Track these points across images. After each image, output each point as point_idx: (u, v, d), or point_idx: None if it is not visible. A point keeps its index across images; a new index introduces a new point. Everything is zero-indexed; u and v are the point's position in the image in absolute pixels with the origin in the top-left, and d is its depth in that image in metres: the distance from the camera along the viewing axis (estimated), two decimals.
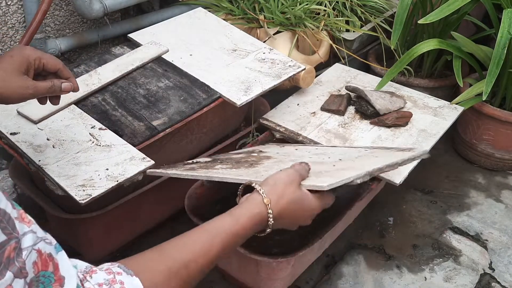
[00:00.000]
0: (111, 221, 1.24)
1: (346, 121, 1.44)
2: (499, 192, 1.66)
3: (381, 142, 1.34)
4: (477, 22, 1.87)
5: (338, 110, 1.44)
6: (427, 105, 1.49)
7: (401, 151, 1.18)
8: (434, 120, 1.44)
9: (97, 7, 1.46)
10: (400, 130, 1.40)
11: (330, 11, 1.72)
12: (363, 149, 1.26)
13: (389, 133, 1.39)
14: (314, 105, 1.49)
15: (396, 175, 1.23)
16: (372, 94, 1.45)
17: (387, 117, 1.40)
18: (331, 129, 1.39)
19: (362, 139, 1.36)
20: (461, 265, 1.39)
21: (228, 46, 1.46)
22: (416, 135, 1.38)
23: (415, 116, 1.44)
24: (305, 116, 1.44)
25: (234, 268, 1.24)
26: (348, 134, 1.38)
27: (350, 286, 1.31)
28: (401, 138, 1.36)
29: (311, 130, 1.38)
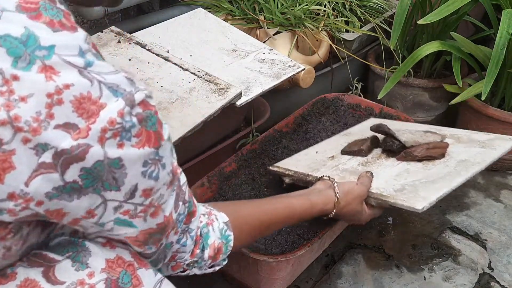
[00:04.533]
0: None
1: (369, 160, 1.27)
2: (498, 192, 1.67)
3: (408, 175, 1.16)
4: (476, 22, 1.88)
5: (360, 150, 1.27)
6: (473, 139, 1.29)
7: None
8: (480, 151, 1.22)
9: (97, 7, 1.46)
10: (434, 163, 1.18)
11: (329, 12, 1.73)
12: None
13: (420, 166, 1.18)
14: (334, 151, 1.34)
15: (419, 200, 1.05)
16: (400, 129, 1.28)
17: (415, 148, 1.19)
18: (348, 168, 1.23)
19: (384, 173, 1.18)
20: (460, 265, 1.39)
21: (228, 46, 1.47)
22: (454, 166, 1.16)
23: (454, 149, 1.22)
24: (322, 160, 1.30)
25: (234, 268, 1.24)
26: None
27: (349, 285, 1.31)
28: (434, 170, 1.16)
29: (324, 171, 1.22)
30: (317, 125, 1.58)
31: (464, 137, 1.31)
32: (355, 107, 1.64)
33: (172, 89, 1.24)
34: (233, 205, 0.90)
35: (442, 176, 1.12)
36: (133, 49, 1.35)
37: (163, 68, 1.31)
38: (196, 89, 1.25)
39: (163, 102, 1.20)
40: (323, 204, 0.99)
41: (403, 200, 1.05)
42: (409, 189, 1.09)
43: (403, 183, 1.12)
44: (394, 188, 1.10)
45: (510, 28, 1.48)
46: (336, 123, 1.60)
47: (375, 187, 1.11)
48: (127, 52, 1.34)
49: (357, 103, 1.64)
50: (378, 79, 1.89)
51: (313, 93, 1.68)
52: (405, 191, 1.08)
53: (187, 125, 1.16)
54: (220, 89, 1.25)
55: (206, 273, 0.88)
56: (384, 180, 1.14)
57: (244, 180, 1.36)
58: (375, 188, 1.11)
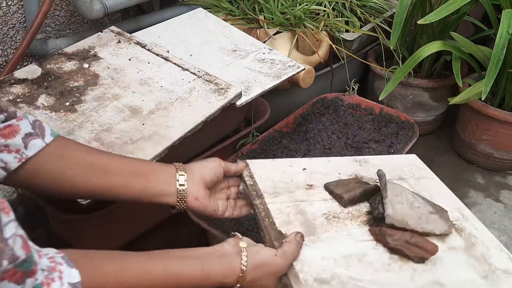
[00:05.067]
0: (111, 221, 1.24)
1: (341, 215, 0.94)
2: (498, 192, 1.67)
3: (356, 264, 0.83)
4: (476, 22, 1.88)
5: (341, 196, 0.96)
6: (487, 259, 0.89)
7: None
8: (475, 282, 0.84)
9: (97, 7, 1.46)
10: (403, 264, 0.85)
11: (329, 12, 1.73)
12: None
13: (384, 259, 0.85)
14: (322, 179, 1.02)
15: None
16: (403, 193, 0.93)
17: (393, 233, 0.87)
18: (307, 213, 0.93)
19: (334, 245, 0.86)
20: None
21: (228, 46, 1.47)
22: (421, 286, 0.82)
23: (447, 258, 0.88)
24: (297, 184, 0.99)
25: None
26: (321, 230, 0.89)
27: None
28: (392, 275, 0.83)
29: (281, 201, 0.94)
30: (317, 125, 1.58)
31: (479, 248, 0.91)
32: (355, 107, 1.64)
33: (172, 89, 1.24)
34: (97, 258, 0.68)
35: None
36: (133, 49, 1.35)
37: (163, 68, 1.31)
38: (196, 89, 1.25)
39: (163, 102, 1.20)
40: (222, 276, 0.75)
41: None
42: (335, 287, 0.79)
43: (338, 272, 0.81)
44: (319, 274, 0.80)
45: (510, 28, 1.48)
46: (336, 123, 1.60)
47: (302, 258, 0.82)
48: (127, 52, 1.34)
49: (357, 103, 1.64)
50: (378, 79, 1.89)
51: (313, 93, 1.68)
52: (325, 286, 0.78)
53: (187, 125, 1.16)
54: (220, 89, 1.25)
55: None
56: (323, 256, 0.84)
57: None
58: (301, 260, 0.81)
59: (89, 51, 1.35)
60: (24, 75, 1.23)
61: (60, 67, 1.27)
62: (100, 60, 1.31)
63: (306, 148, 1.50)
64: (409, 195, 0.93)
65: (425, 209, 0.93)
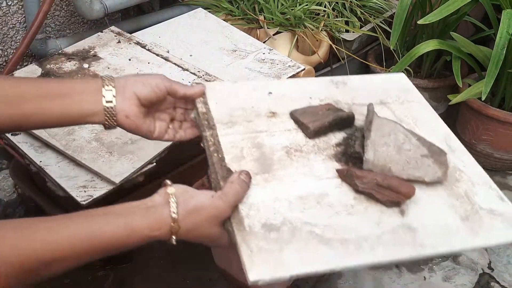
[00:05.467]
0: None
1: (304, 148, 0.83)
2: None
3: (314, 206, 0.74)
4: (476, 22, 1.88)
5: (306, 126, 0.85)
6: (471, 197, 0.81)
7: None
8: (453, 225, 0.75)
9: (97, 7, 1.46)
10: (369, 206, 0.75)
11: (329, 12, 1.73)
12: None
13: (347, 200, 0.76)
14: (288, 106, 0.90)
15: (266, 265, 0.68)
16: (393, 132, 0.81)
17: (362, 175, 0.76)
18: (265, 146, 0.82)
19: (291, 184, 0.76)
20: (460, 265, 1.39)
21: (228, 46, 1.47)
22: (387, 230, 0.72)
23: (423, 198, 0.77)
24: (257, 112, 0.88)
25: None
26: (278, 166, 0.79)
27: (349, 285, 1.31)
28: (353, 219, 0.73)
29: (236, 132, 0.84)
30: None
31: (462, 185, 0.82)
32: None
33: None
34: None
35: (350, 239, 0.70)
36: (133, 49, 1.35)
37: (163, 68, 1.31)
38: None
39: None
40: (149, 230, 0.66)
41: (249, 251, 0.68)
42: (283, 234, 0.69)
43: (290, 217, 0.71)
44: (269, 219, 0.71)
45: (510, 28, 1.48)
46: None
47: (251, 201, 0.73)
48: (127, 52, 1.34)
49: None
50: None
51: None
52: (274, 234, 0.69)
53: None
54: None
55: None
56: (275, 197, 0.74)
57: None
58: (249, 203, 0.72)
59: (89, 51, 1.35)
60: (24, 75, 1.23)
61: (60, 67, 1.27)
62: (100, 60, 1.31)
63: None
64: (401, 135, 0.81)
65: (417, 152, 0.80)
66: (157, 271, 1.33)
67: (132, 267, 1.34)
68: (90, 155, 1.07)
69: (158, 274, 1.33)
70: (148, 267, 1.34)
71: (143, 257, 1.37)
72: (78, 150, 1.08)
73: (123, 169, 1.05)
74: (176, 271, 1.34)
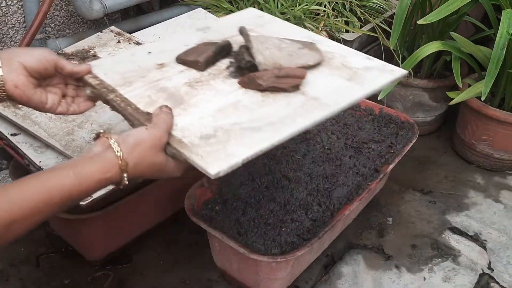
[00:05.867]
0: (111, 221, 1.24)
1: (203, 78, 0.96)
2: (498, 193, 1.67)
3: (233, 112, 0.87)
4: (476, 22, 1.88)
5: (196, 61, 0.97)
6: (347, 65, 1.01)
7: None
8: (342, 85, 0.95)
9: (97, 7, 1.46)
10: (276, 96, 0.90)
11: (329, 12, 1.73)
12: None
13: (257, 99, 0.90)
14: (171, 56, 1.02)
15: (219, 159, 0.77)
16: (267, 40, 0.98)
17: (262, 74, 0.90)
18: (169, 87, 0.93)
19: (206, 105, 0.89)
20: (460, 265, 1.39)
21: None
22: (298, 105, 0.89)
23: (314, 78, 0.95)
24: (147, 68, 0.99)
25: (234, 268, 1.24)
26: (189, 97, 0.91)
27: (349, 286, 1.31)
28: (269, 108, 0.88)
29: (138, 87, 0.93)
30: (317, 126, 1.58)
31: (336, 60, 1.01)
32: (354, 108, 1.64)
33: None
34: None
35: (273, 121, 0.85)
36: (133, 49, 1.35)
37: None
38: None
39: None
40: (100, 173, 0.70)
41: (199, 156, 0.77)
42: (220, 137, 0.81)
43: (218, 125, 0.84)
44: (203, 132, 0.82)
45: (510, 28, 1.48)
46: (336, 123, 1.60)
47: (181, 126, 0.83)
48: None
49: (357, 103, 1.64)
50: None
51: None
52: (213, 139, 0.81)
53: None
54: None
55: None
56: (199, 117, 0.86)
57: (244, 180, 1.36)
58: (180, 128, 0.82)
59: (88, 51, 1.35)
60: None
61: None
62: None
63: (305, 148, 1.49)
64: (275, 40, 0.99)
65: (294, 46, 0.99)
66: (157, 272, 1.33)
67: (132, 267, 1.34)
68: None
69: (157, 275, 1.33)
70: (148, 267, 1.34)
71: (143, 258, 1.37)
72: (77, 150, 1.08)
73: None
74: (175, 271, 1.34)
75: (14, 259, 1.35)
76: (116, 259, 1.35)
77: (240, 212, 1.27)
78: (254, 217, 1.26)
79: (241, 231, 1.21)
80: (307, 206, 1.29)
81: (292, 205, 1.29)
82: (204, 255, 1.36)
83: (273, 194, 1.33)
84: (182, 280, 1.31)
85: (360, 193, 1.30)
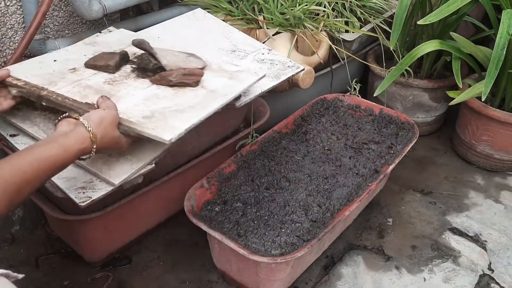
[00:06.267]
0: (110, 222, 1.24)
1: (117, 78, 1.16)
2: (498, 193, 1.67)
3: (158, 100, 1.09)
4: (477, 22, 1.87)
5: (107, 65, 1.16)
6: (223, 69, 1.26)
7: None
8: (227, 83, 1.20)
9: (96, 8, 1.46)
10: (185, 90, 1.14)
11: (329, 12, 1.72)
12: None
13: (170, 92, 1.13)
14: (77, 62, 1.21)
15: (167, 130, 1.00)
16: (162, 50, 1.22)
17: (171, 73, 1.13)
18: (92, 85, 1.11)
19: (132, 96, 1.10)
20: (460, 266, 1.39)
21: (227, 47, 1.46)
22: (204, 96, 1.13)
23: (206, 78, 1.19)
24: (61, 71, 1.16)
25: (234, 269, 1.24)
26: (115, 91, 1.10)
27: (349, 287, 1.31)
28: (184, 98, 1.11)
29: (64, 85, 1.09)
30: (317, 126, 1.58)
31: (214, 66, 1.26)
32: (355, 108, 1.64)
33: None
34: None
35: (192, 105, 1.08)
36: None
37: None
38: None
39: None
40: (79, 143, 0.88)
41: (151, 129, 0.98)
42: (158, 117, 1.02)
43: (152, 109, 1.05)
44: (143, 114, 1.03)
45: (510, 28, 1.47)
46: (336, 124, 1.60)
47: (122, 111, 1.02)
48: None
49: (356, 104, 1.64)
50: (378, 80, 1.89)
51: (312, 94, 1.68)
52: (154, 118, 1.02)
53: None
54: None
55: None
56: (133, 104, 1.06)
57: (244, 181, 1.35)
58: (122, 112, 1.02)
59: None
60: None
61: None
62: None
63: (305, 149, 1.49)
64: (166, 50, 1.22)
65: (183, 56, 1.23)
66: (156, 273, 1.33)
67: (132, 268, 1.33)
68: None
69: (157, 276, 1.32)
70: (147, 268, 1.34)
71: (143, 259, 1.36)
72: None
73: (122, 170, 1.05)
74: (175, 272, 1.33)
75: (13, 260, 1.34)
76: (116, 260, 1.35)
77: (240, 213, 1.26)
78: (254, 218, 1.25)
79: (241, 232, 1.21)
80: (307, 207, 1.29)
81: (292, 206, 1.29)
82: (204, 256, 1.36)
83: (273, 195, 1.33)
84: (182, 281, 1.31)
85: (360, 194, 1.29)
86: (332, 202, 1.31)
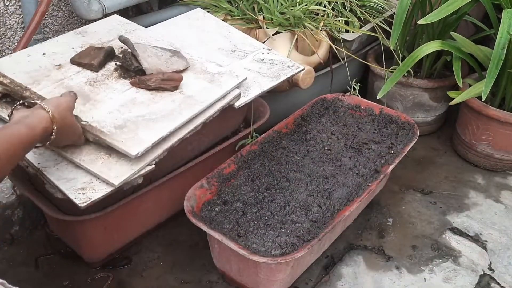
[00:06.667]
0: (110, 222, 1.24)
1: (99, 78, 1.19)
2: (498, 193, 1.66)
3: (133, 106, 1.13)
4: (477, 22, 1.87)
5: (90, 64, 1.20)
6: (205, 70, 1.28)
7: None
8: (206, 87, 1.22)
9: (95, 8, 1.45)
10: (162, 95, 1.17)
11: (329, 12, 1.72)
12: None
13: (148, 96, 1.17)
14: (64, 57, 1.24)
15: (136, 143, 1.05)
16: (146, 49, 1.22)
17: (150, 77, 1.17)
18: (73, 86, 1.15)
19: (110, 101, 1.13)
20: (461, 266, 1.39)
21: (226, 46, 1.46)
22: (180, 102, 1.16)
23: (186, 81, 1.22)
24: (47, 68, 1.20)
25: (234, 270, 1.24)
26: (94, 94, 1.15)
27: (349, 287, 1.31)
28: (160, 104, 1.15)
29: (46, 85, 1.14)
30: (317, 126, 1.58)
31: (197, 65, 1.28)
32: (355, 108, 1.63)
33: None
34: None
35: (165, 114, 1.12)
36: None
37: None
38: None
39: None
40: (41, 123, 0.92)
41: (120, 141, 1.03)
42: (130, 127, 1.07)
43: (126, 117, 1.09)
44: (116, 123, 1.07)
45: (511, 28, 1.47)
46: (336, 124, 1.59)
47: (96, 119, 1.07)
48: None
49: (357, 103, 1.64)
50: (378, 80, 1.89)
51: (312, 93, 1.67)
52: (126, 129, 1.06)
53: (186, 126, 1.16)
54: None
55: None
56: (108, 111, 1.10)
57: (244, 181, 1.35)
58: (96, 121, 1.06)
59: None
60: None
61: None
62: None
63: (305, 149, 1.49)
64: (151, 48, 1.23)
65: (167, 55, 1.24)
66: (156, 273, 1.33)
67: (131, 268, 1.33)
68: (89, 157, 1.07)
69: (157, 276, 1.32)
70: (147, 268, 1.34)
71: (142, 259, 1.36)
72: (76, 151, 1.07)
73: (122, 171, 1.04)
74: (175, 273, 1.33)
75: (13, 261, 1.34)
76: (116, 260, 1.35)
77: (239, 214, 1.26)
78: (254, 218, 1.25)
79: (241, 232, 1.21)
80: (307, 207, 1.29)
81: (292, 206, 1.29)
82: (204, 257, 1.35)
83: (273, 195, 1.32)
84: (182, 281, 1.31)
85: (360, 194, 1.29)
86: (332, 202, 1.30)
